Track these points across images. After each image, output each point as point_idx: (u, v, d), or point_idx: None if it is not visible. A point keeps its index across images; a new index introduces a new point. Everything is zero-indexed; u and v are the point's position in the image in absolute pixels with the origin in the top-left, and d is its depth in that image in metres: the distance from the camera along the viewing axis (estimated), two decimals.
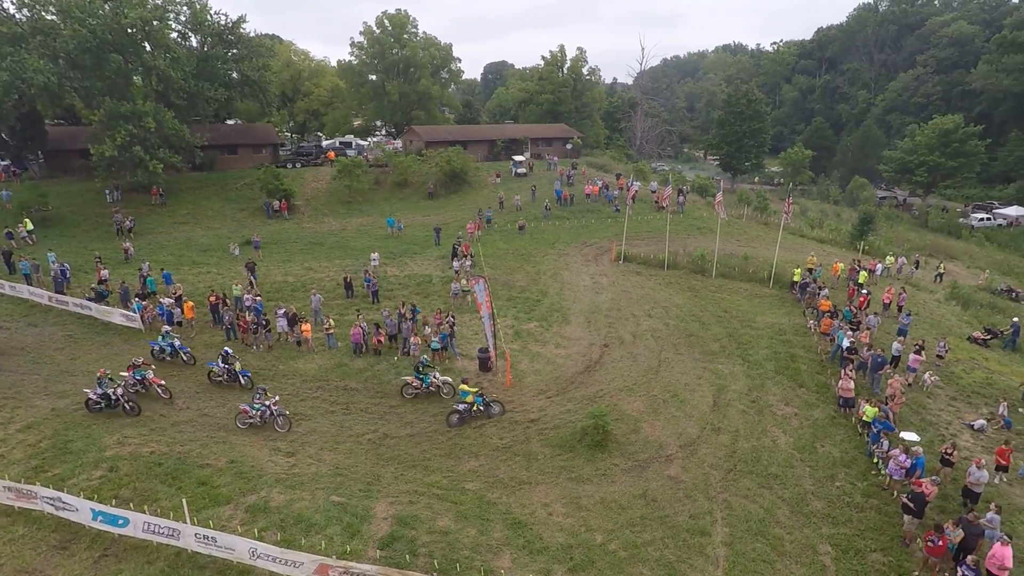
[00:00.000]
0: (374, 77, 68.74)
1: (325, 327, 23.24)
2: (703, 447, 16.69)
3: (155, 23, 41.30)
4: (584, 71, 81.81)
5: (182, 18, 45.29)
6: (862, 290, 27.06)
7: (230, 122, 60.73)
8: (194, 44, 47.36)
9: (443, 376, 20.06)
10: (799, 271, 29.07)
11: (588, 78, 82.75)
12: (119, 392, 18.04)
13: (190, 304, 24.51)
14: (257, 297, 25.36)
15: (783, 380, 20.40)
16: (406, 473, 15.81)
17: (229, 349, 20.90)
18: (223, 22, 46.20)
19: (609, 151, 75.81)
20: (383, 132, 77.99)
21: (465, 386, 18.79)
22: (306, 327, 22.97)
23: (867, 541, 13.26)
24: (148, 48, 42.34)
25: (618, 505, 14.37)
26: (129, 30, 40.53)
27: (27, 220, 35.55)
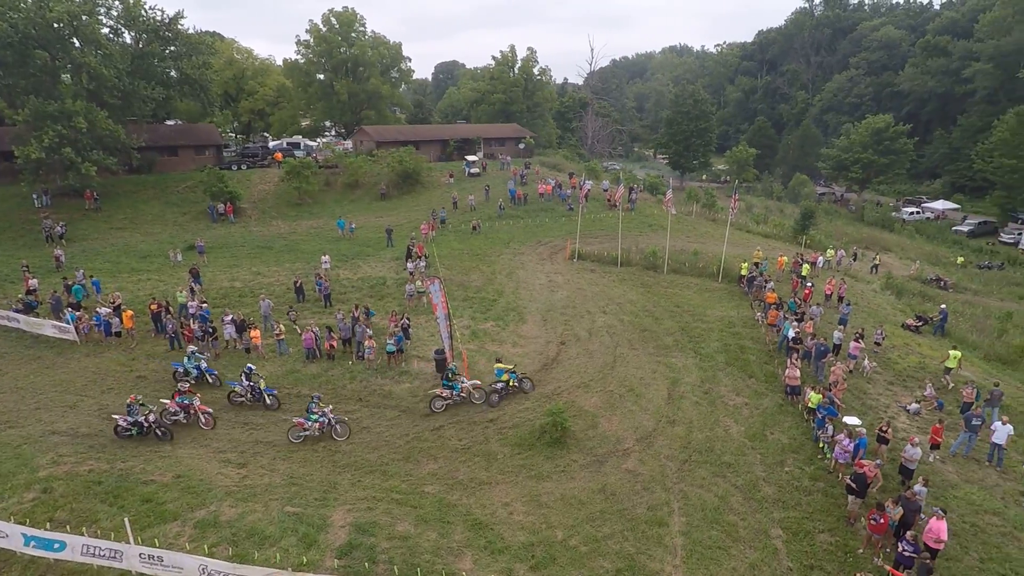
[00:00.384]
0: (322, 76, 67.25)
1: (275, 333, 22.56)
2: (659, 439, 17.01)
3: (84, 18, 39.21)
4: (535, 71, 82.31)
5: (114, 13, 43.07)
6: (806, 282, 28.17)
7: (170, 122, 58.25)
8: (128, 40, 45.13)
9: (472, 380, 19.38)
10: (746, 265, 30.04)
11: (539, 78, 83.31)
12: (151, 419, 17.12)
13: (129, 313, 23.31)
14: (203, 304, 24.38)
15: (734, 371, 21.02)
16: (363, 479, 15.50)
17: (252, 366, 19.72)
18: (159, 18, 44.25)
19: (561, 150, 76.55)
20: (333, 132, 76.41)
21: (500, 364, 19.56)
22: (255, 333, 22.23)
23: (815, 523, 13.79)
24: (77, 44, 40.14)
25: (578, 501, 14.48)
26: (55, 25, 38.29)
27: None
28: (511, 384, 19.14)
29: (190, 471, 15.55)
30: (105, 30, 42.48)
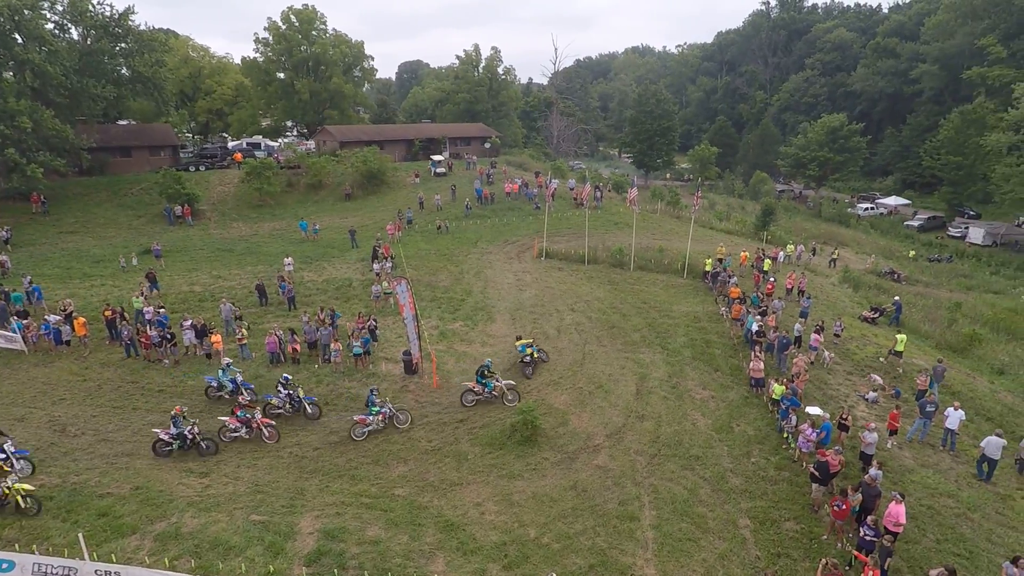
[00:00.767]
0: (282, 75, 65.88)
1: (237, 338, 21.94)
2: (629, 435, 17.15)
3: (26, 12, 37.37)
4: (499, 70, 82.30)
5: (59, 7, 41.28)
6: (768, 277, 28.83)
7: (123, 123, 56.13)
8: (76, 37, 43.29)
9: (505, 380, 19.20)
10: (710, 261, 30.60)
11: (504, 77, 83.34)
12: (195, 431, 16.36)
13: (81, 320, 22.30)
14: (160, 309, 23.55)
15: (700, 365, 21.36)
16: (332, 484, 15.19)
17: (288, 375, 18.97)
18: (108, 13, 42.57)
19: (527, 150, 76.77)
20: (294, 133, 74.93)
21: (521, 340, 21.03)
22: (216, 338, 21.58)
23: (781, 511, 14.10)
24: (20, 40, 38.31)
25: (549, 498, 14.48)
26: None
27: None
28: (535, 356, 20.71)
29: (149, 482, 14.98)
30: (50, 26, 40.62)
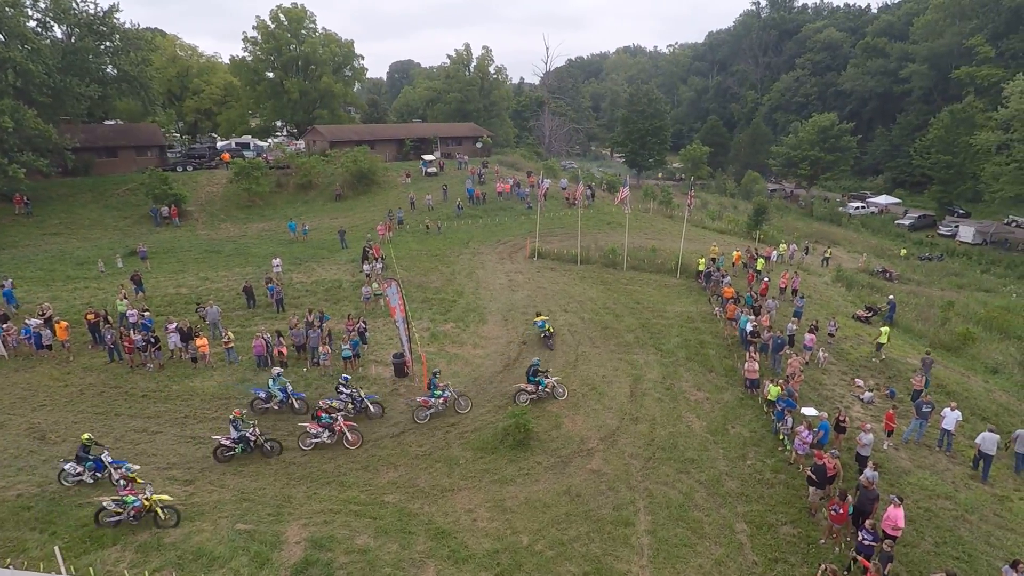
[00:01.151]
0: (271, 74, 65.14)
1: (224, 341, 21.48)
2: (623, 438, 16.89)
3: (8, 10, 36.66)
4: (491, 70, 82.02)
5: (41, 5, 40.54)
6: (762, 277, 28.68)
7: (109, 122, 55.33)
8: (59, 35, 42.56)
9: (553, 377, 19.21)
10: (703, 261, 30.43)
11: (495, 77, 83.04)
12: (257, 432, 16.14)
13: (64, 325, 21.76)
14: (144, 312, 23.05)
15: (694, 366, 21.14)
16: (320, 491, 14.82)
17: (347, 375, 18.74)
18: (92, 11, 41.86)
19: (519, 149, 76.52)
20: (284, 132, 74.25)
21: (540, 316, 22.87)
22: (202, 342, 21.13)
23: (778, 515, 13.88)
24: (1, 39, 37.55)
25: (543, 504, 14.19)
26: None
27: None
28: (551, 330, 22.47)
29: None
30: (32, 23, 39.92)
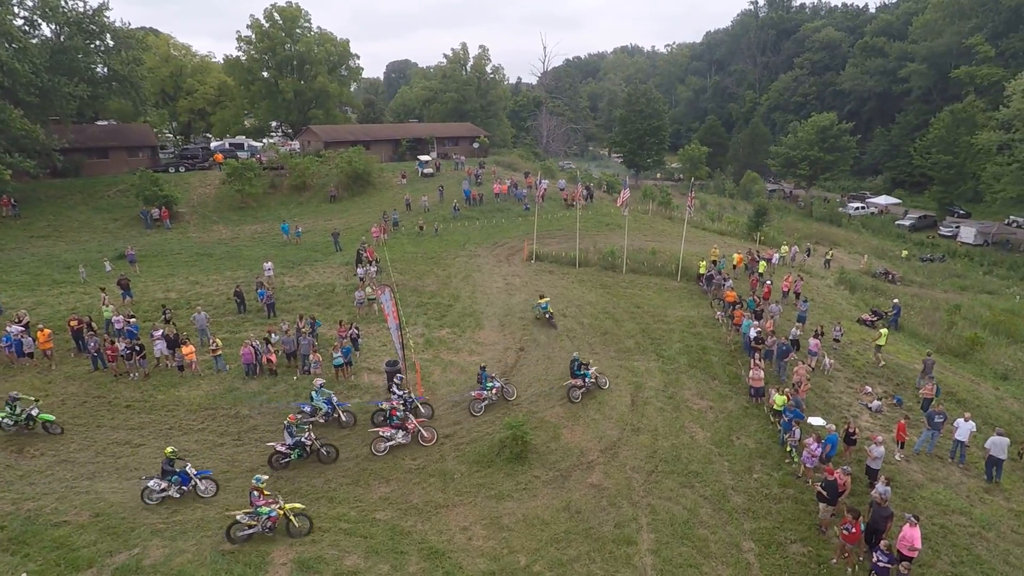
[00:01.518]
0: (266, 74, 64.39)
1: (211, 348, 20.81)
2: (624, 449, 16.29)
3: None
4: (488, 69, 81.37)
5: (29, 3, 39.75)
6: (764, 280, 28.08)
7: (102, 123, 54.56)
8: (48, 34, 41.78)
9: (594, 367, 19.40)
10: (704, 263, 29.83)
11: (492, 76, 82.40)
12: (312, 437, 15.91)
13: (46, 332, 21.03)
14: (130, 319, 22.36)
15: (696, 373, 20.54)
16: (308, 507, 14.16)
17: (401, 375, 17.96)
18: (81, 9, 41.08)
19: (517, 150, 75.87)
20: (279, 133, 73.50)
21: (543, 299, 24.28)
22: (188, 349, 20.45)
23: (787, 533, 13.29)
24: None
25: (541, 521, 13.58)
26: None
27: None
28: (550, 312, 23.77)
29: (111, 508, 13.96)
30: (19, 22, 39.09)
